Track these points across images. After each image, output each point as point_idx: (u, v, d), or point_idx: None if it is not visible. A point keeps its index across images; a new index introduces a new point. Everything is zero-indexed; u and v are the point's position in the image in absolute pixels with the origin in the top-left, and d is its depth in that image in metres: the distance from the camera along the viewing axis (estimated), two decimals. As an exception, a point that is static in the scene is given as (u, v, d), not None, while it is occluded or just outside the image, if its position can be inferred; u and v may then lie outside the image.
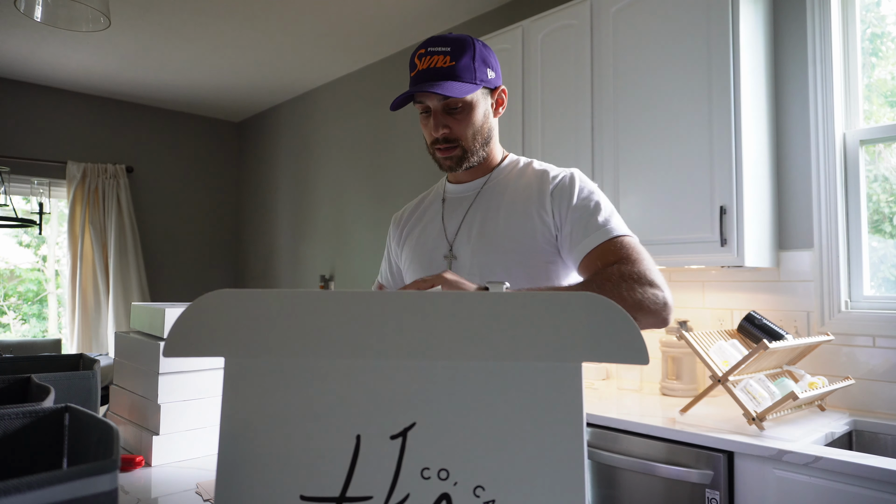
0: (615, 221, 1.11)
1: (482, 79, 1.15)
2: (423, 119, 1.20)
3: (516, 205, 1.17)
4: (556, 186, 1.15)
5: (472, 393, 0.50)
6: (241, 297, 0.53)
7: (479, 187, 1.25)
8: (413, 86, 1.15)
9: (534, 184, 1.19)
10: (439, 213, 1.29)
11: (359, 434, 0.50)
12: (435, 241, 1.25)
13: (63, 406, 0.70)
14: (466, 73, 1.12)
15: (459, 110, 1.15)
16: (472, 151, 1.18)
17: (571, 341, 0.50)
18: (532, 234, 1.13)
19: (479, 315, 0.51)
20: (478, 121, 1.17)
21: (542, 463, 0.49)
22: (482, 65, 1.15)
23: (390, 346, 0.51)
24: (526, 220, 1.15)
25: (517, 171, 1.24)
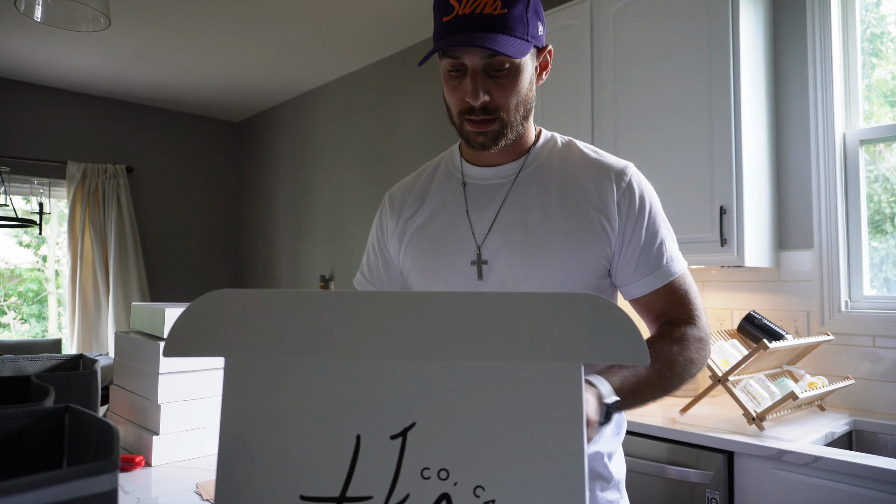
0: (676, 250, 0.99)
1: (534, 35, 0.92)
2: (452, 79, 0.93)
3: (570, 203, 0.96)
4: (623, 193, 0.96)
5: (473, 393, 0.50)
6: (241, 297, 0.53)
7: (515, 173, 1.01)
8: (450, 34, 0.88)
9: (588, 177, 0.98)
10: (460, 202, 1.02)
11: (359, 434, 0.50)
12: (458, 240, 1.00)
13: (63, 406, 0.70)
14: (519, 24, 0.88)
15: (505, 73, 0.91)
16: (511, 126, 0.95)
17: (572, 341, 0.50)
18: (592, 246, 0.94)
19: (480, 315, 0.51)
20: (524, 88, 0.94)
21: (542, 463, 0.49)
22: (535, 16, 0.92)
23: (390, 346, 0.51)
24: (586, 226, 0.94)
25: (559, 154, 1.02)
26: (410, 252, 1.05)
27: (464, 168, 1.05)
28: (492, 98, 0.92)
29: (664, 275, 0.96)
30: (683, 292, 0.97)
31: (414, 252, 1.04)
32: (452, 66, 0.92)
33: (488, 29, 0.86)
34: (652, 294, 0.96)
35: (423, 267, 1.03)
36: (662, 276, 0.96)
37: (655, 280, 0.96)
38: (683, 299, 0.97)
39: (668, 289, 0.96)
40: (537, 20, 0.93)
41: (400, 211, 1.09)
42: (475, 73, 0.90)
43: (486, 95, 0.91)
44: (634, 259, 0.96)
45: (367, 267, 1.15)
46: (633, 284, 0.97)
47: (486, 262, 0.97)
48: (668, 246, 0.97)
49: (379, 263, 1.12)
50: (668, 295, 0.96)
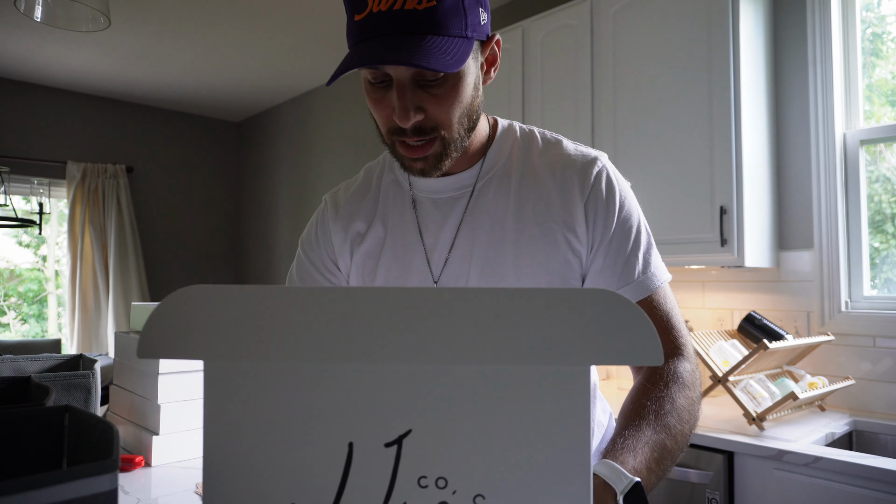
0: (653, 261, 0.84)
1: (475, 26, 0.72)
2: (377, 92, 0.75)
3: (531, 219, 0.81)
4: (589, 197, 0.81)
5: (472, 398, 0.47)
6: (216, 293, 0.48)
7: (471, 184, 0.84)
8: (363, 38, 0.69)
9: (551, 183, 0.82)
10: (412, 224, 0.86)
11: (351, 441, 0.47)
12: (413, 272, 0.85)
13: (63, 406, 0.69)
14: (454, 19, 0.69)
15: (440, 82, 0.72)
16: (455, 143, 0.77)
17: (579, 343, 0.47)
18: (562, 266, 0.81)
19: (480, 314, 0.48)
20: (466, 96, 0.75)
21: (545, 473, 0.46)
22: (474, 3, 0.72)
23: (384, 347, 0.48)
24: (551, 245, 0.80)
25: (520, 152, 0.86)
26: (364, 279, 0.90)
27: (411, 179, 0.88)
28: (427, 115, 0.73)
29: (637, 289, 0.81)
30: (663, 312, 0.82)
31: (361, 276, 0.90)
32: (374, 77, 0.73)
33: (413, 31, 0.67)
34: None
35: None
36: (634, 290, 0.81)
37: (631, 293, 0.81)
38: (664, 321, 0.82)
39: (647, 304, 0.82)
40: (478, 6, 0.73)
41: (348, 222, 0.91)
42: (402, 86, 0.71)
43: (419, 114, 0.72)
44: (601, 271, 0.81)
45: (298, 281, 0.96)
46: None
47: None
48: (641, 254, 0.82)
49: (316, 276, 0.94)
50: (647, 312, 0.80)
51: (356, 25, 0.70)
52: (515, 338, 0.47)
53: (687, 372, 0.81)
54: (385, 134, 0.79)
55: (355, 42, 0.71)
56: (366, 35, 0.69)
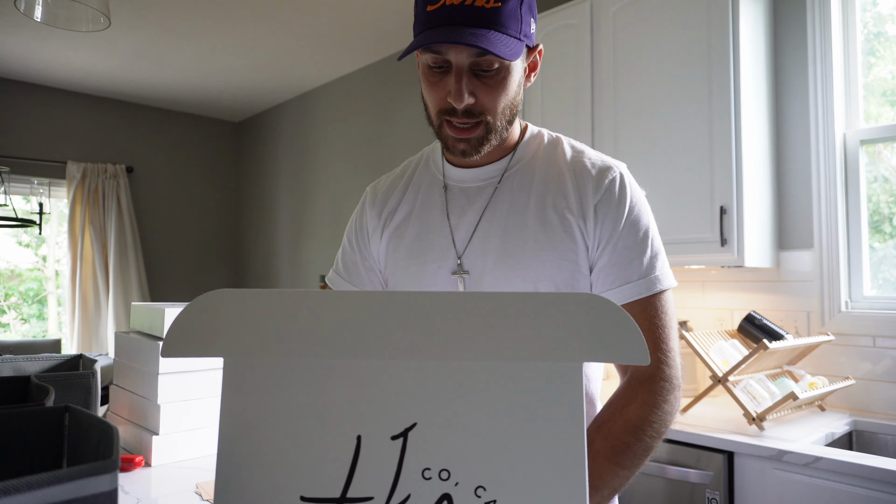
0: (659, 265, 0.87)
1: (526, 33, 0.83)
2: (433, 75, 0.84)
3: (551, 209, 0.88)
4: (602, 198, 0.87)
5: (473, 393, 0.50)
6: (239, 296, 0.52)
7: (499, 175, 0.93)
8: (435, 26, 0.79)
9: (569, 180, 0.90)
10: (440, 207, 0.95)
11: (359, 434, 0.50)
12: (438, 248, 0.93)
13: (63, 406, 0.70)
14: (513, 21, 0.79)
15: (493, 73, 0.82)
16: (496, 132, 0.86)
17: (572, 341, 0.50)
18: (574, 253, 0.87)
19: (480, 315, 0.51)
20: (512, 90, 0.85)
21: (543, 463, 0.49)
22: (528, 12, 0.83)
23: (390, 346, 0.51)
24: (567, 233, 0.87)
25: (544, 154, 0.94)
26: (390, 254, 0.98)
27: (445, 169, 0.97)
28: (477, 100, 0.83)
29: (633, 290, 0.84)
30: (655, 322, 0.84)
31: (394, 255, 0.98)
32: (435, 61, 0.82)
33: (479, 24, 0.77)
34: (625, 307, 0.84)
35: (403, 272, 0.96)
36: (631, 291, 0.84)
37: (621, 294, 0.84)
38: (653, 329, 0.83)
39: (643, 306, 0.84)
40: (531, 17, 0.84)
41: (382, 206, 1.01)
42: (460, 71, 0.81)
43: (472, 98, 0.82)
44: (605, 267, 0.86)
45: (342, 265, 1.05)
46: (606, 293, 0.86)
47: (468, 272, 0.90)
48: (646, 259, 0.86)
49: (357, 260, 1.03)
50: (642, 313, 0.84)
51: (428, 14, 0.80)
52: (514, 337, 0.51)
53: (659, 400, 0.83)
54: (435, 115, 0.87)
55: (425, 28, 0.80)
56: (437, 23, 0.78)
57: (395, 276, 0.98)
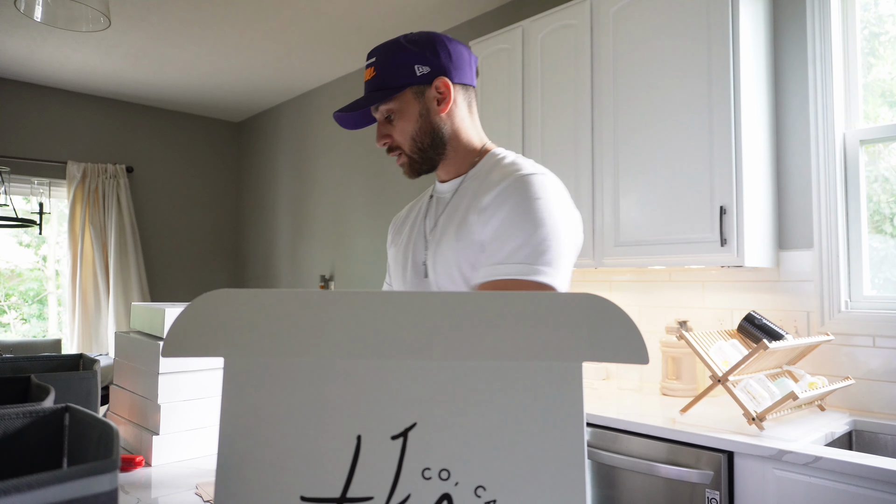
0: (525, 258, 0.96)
1: (409, 78, 1.09)
2: None
3: (471, 209, 1.07)
4: (501, 191, 1.03)
5: (473, 393, 0.50)
6: (240, 296, 0.52)
7: (456, 187, 1.16)
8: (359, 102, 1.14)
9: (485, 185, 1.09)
10: (423, 213, 1.22)
11: (359, 434, 0.50)
12: (415, 243, 1.18)
13: (63, 406, 0.70)
14: (387, 79, 1.09)
15: (393, 117, 1.12)
16: (417, 155, 1.13)
17: (571, 341, 0.50)
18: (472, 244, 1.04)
19: (480, 315, 0.51)
20: (411, 124, 1.11)
21: (542, 463, 0.49)
22: (406, 65, 1.09)
23: (390, 346, 0.51)
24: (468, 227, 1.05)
25: (491, 168, 1.13)
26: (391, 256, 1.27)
27: (435, 185, 1.24)
28: (392, 138, 1.13)
29: (491, 273, 0.97)
30: None
31: (391, 254, 1.26)
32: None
33: (369, 90, 1.11)
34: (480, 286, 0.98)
35: (394, 263, 1.24)
36: (490, 273, 0.97)
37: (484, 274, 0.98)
38: None
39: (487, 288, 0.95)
40: (412, 65, 1.09)
41: (397, 225, 1.31)
42: (379, 123, 1.15)
43: (385, 138, 1.14)
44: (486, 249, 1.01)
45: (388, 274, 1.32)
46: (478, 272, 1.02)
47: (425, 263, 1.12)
48: (512, 248, 0.96)
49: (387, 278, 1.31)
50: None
51: None
52: (513, 336, 0.51)
53: None
54: None
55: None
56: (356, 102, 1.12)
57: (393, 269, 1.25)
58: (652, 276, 2.40)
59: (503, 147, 1.30)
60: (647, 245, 2.09)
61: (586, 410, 1.83)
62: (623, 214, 2.15)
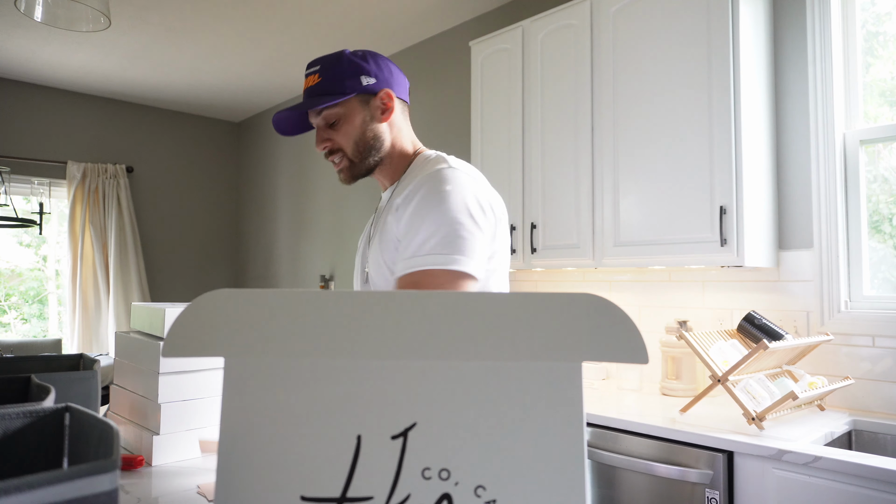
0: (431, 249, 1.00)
1: (353, 88, 1.15)
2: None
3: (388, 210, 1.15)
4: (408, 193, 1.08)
5: (473, 393, 0.50)
6: (240, 296, 0.52)
7: (391, 194, 1.23)
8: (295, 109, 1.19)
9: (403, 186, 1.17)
10: (371, 221, 1.30)
11: (359, 434, 0.50)
12: (361, 253, 1.28)
13: (63, 406, 0.70)
14: (335, 85, 1.14)
15: (337, 123, 1.17)
16: (358, 160, 1.19)
17: (571, 340, 0.50)
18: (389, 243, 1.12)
19: (479, 315, 0.51)
20: (355, 129, 1.17)
21: (542, 462, 0.49)
22: (353, 75, 1.16)
23: (390, 346, 0.51)
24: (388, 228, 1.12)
25: (415, 171, 1.20)
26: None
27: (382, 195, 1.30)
28: (333, 142, 1.18)
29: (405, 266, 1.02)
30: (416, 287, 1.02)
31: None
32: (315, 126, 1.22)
33: (310, 95, 1.16)
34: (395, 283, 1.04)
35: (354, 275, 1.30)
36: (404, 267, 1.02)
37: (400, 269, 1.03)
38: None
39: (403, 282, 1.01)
40: (358, 76, 1.15)
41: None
42: (318, 128, 1.20)
43: (327, 142, 1.19)
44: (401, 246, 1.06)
45: None
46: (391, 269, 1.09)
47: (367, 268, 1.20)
48: (421, 240, 1.01)
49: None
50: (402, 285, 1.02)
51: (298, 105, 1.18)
52: (513, 336, 0.51)
53: None
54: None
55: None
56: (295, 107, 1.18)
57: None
58: (652, 276, 2.40)
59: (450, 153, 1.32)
60: (646, 245, 2.09)
61: (586, 410, 1.83)
62: (623, 214, 2.15)
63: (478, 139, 2.68)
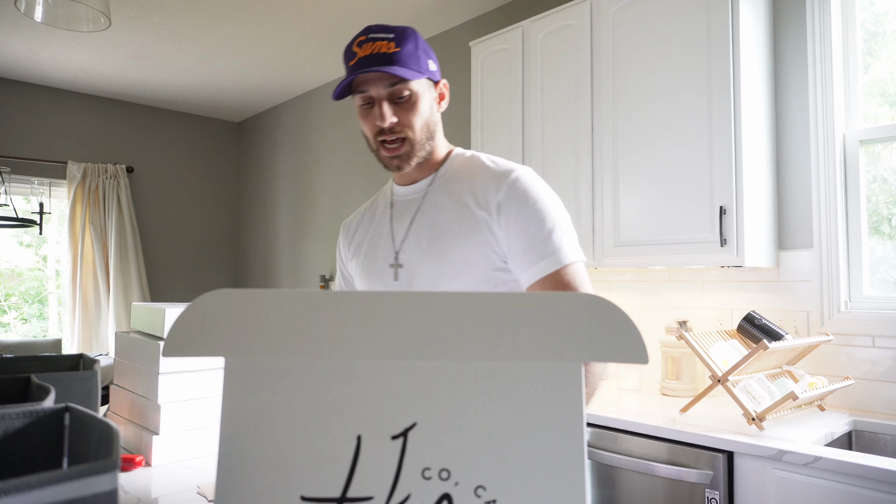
0: (566, 242, 1.04)
1: (425, 69, 1.09)
2: (364, 112, 1.10)
3: (463, 208, 1.09)
4: (505, 194, 1.06)
5: (473, 393, 0.50)
6: (240, 296, 0.53)
7: (426, 187, 1.16)
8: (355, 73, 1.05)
9: (478, 181, 1.11)
10: (387, 218, 1.20)
11: (359, 434, 0.50)
12: (383, 248, 1.17)
13: (63, 406, 0.70)
14: (411, 60, 1.06)
15: (406, 100, 1.07)
16: (419, 145, 1.10)
17: (571, 341, 0.50)
18: (481, 243, 1.06)
19: (479, 315, 0.51)
20: (425, 111, 1.10)
21: (542, 463, 0.49)
22: (425, 55, 1.10)
23: (390, 346, 0.51)
24: (472, 224, 1.07)
25: (463, 166, 1.16)
26: (354, 260, 1.23)
27: (393, 189, 1.22)
28: (399, 120, 1.07)
29: (549, 263, 1.02)
30: (573, 284, 1.02)
31: (356, 259, 1.23)
32: (363, 100, 1.08)
33: (385, 63, 1.03)
34: (539, 283, 1.02)
35: (360, 270, 1.20)
36: (547, 264, 1.02)
37: (541, 269, 1.02)
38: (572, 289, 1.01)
39: (554, 278, 1.01)
40: (427, 58, 1.10)
41: (352, 235, 1.27)
42: (381, 100, 1.06)
43: (394, 118, 1.06)
44: (522, 250, 1.04)
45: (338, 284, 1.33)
46: (523, 274, 1.04)
47: (402, 265, 1.12)
48: (555, 237, 1.03)
49: (346, 277, 1.30)
50: (555, 284, 1.01)
51: (350, 68, 1.06)
52: (513, 336, 0.51)
53: None
54: (372, 141, 1.11)
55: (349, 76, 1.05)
56: (357, 69, 1.04)
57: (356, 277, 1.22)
58: (652, 276, 2.40)
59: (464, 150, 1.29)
60: (647, 245, 2.09)
61: (586, 410, 1.83)
62: (623, 214, 2.15)
63: (477, 139, 2.68)
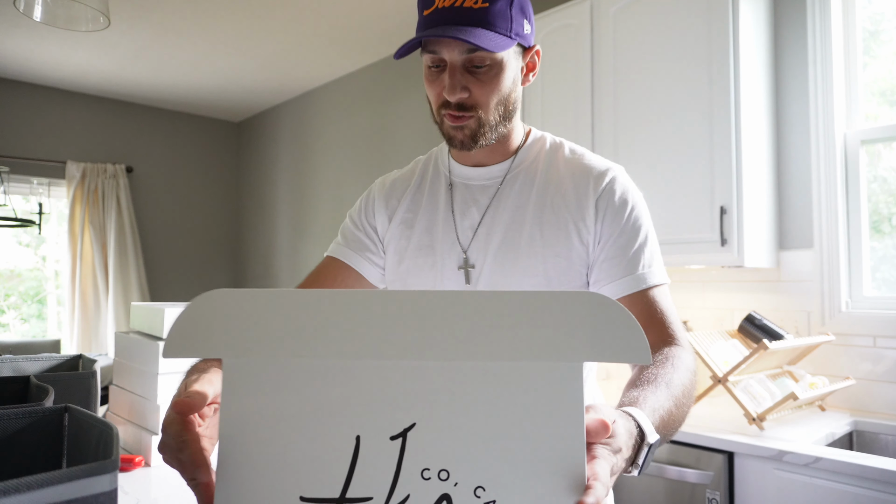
0: (656, 262, 0.92)
1: (518, 32, 0.87)
2: (433, 74, 0.89)
3: (549, 208, 0.93)
4: (601, 196, 0.91)
5: (473, 393, 0.50)
6: (239, 296, 0.52)
7: (502, 175, 0.97)
8: (429, 27, 0.85)
9: (569, 181, 0.94)
10: (447, 204, 1.00)
11: (358, 435, 0.50)
12: (443, 242, 0.98)
13: (63, 406, 0.70)
14: (501, 20, 0.84)
15: (485, 69, 0.86)
16: (490, 126, 0.90)
17: (572, 340, 0.50)
18: (568, 250, 0.91)
19: (480, 315, 0.51)
20: (505, 86, 0.89)
21: (542, 463, 0.48)
22: (519, 13, 0.87)
23: (390, 346, 0.51)
24: (561, 231, 0.91)
25: (546, 158, 0.98)
26: (398, 245, 1.02)
27: (451, 167, 1.02)
28: (471, 94, 0.87)
29: (637, 281, 0.88)
30: (661, 308, 0.88)
31: (398, 244, 1.02)
32: (432, 61, 0.88)
33: (467, 23, 0.82)
34: (622, 301, 0.88)
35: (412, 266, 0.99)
36: (635, 282, 0.88)
37: (626, 285, 0.88)
38: (660, 315, 0.88)
39: (641, 298, 0.88)
40: (523, 18, 0.88)
41: (389, 197, 1.05)
42: (454, 68, 0.86)
43: (465, 92, 0.86)
44: (608, 260, 0.90)
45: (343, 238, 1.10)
46: (604, 287, 0.90)
47: (473, 266, 0.95)
48: (646, 254, 0.90)
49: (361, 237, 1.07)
50: (641, 305, 0.88)
51: (424, 18, 0.86)
52: (513, 336, 0.51)
53: (688, 359, 0.86)
54: (436, 110, 0.92)
55: (421, 30, 0.86)
56: (431, 24, 0.84)
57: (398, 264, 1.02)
58: (652, 276, 2.40)
59: None
60: (647, 245, 2.08)
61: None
62: (623, 214, 2.15)
63: (478, 139, 2.67)
